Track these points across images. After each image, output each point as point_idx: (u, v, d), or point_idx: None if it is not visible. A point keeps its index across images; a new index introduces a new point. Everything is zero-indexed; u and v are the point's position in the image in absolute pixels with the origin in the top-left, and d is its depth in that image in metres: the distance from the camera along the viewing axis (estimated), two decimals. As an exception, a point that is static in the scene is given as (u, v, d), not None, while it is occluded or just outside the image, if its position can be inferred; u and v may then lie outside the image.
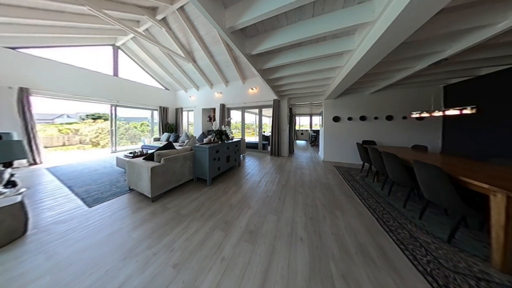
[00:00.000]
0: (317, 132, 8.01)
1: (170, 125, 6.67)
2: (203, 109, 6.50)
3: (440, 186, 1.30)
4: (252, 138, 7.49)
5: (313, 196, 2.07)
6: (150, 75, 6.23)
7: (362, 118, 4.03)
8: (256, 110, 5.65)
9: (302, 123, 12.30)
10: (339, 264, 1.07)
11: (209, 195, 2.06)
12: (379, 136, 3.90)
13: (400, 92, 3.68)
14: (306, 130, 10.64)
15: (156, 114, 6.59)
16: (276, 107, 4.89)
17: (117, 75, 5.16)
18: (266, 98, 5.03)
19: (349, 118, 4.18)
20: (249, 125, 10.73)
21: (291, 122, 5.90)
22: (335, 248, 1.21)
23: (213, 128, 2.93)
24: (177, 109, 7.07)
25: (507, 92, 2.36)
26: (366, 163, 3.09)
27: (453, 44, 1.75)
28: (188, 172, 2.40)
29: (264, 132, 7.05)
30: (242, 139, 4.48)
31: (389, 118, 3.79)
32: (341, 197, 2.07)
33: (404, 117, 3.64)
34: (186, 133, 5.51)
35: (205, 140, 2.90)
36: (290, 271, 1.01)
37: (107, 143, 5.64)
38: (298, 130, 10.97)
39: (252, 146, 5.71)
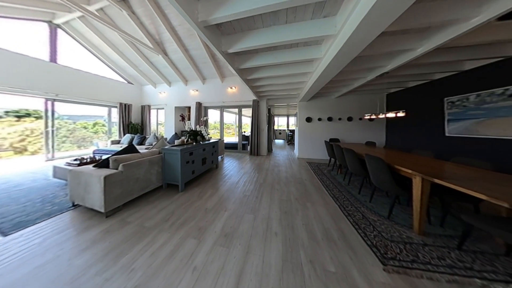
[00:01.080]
0: (293, 131, 8.62)
1: (134, 125, 5.75)
2: (176, 107, 5.91)
3: (382, 173, 1.61)
4: (233, 138, 7.36)
5: (288, 191, 2.21)
6: (107, 64, 5.14)
7: (329, 119, 4.62)
8: (236, 110, 5.58)
9: (280, 123, 12.98)
10: (308, 250, 1.18)
11: (181, 202, 1.89)
12: (342, 134, 4.55)
13: (357, 97, 4.40)
14: (284, 130, 11.33)
15: (115, 111, 5.54)
16: (255, 107, 4.96)
17: (55, 61, 4.01)
18: (246, 98, 5.03)
19: (319, 119, 4.70)
20: (230, 125, 10.52)
21: (270, 122, 6.13)
22: (305, 237, 1.32)
23: (186, 128, 2.71)
24: (143, 107, 6.18)
25: (423, 101, 3.17)
26: (332, 158, 3.51)
27: (391, 61, 2.22)
28: (156, 178, 2.13)
29: (244, 132, 7.04)
30: (221, 139, 4.33)
31: (350, 119, 4.47)
32: (312, 190, 2.29)
33: (360, 118, 4.37)
34: (154, 135, 4.88)
35: (176, 142, 2.64)
36: (264, 267, 1.04)
37: (39, 149, 4.29)
38: (276, 130, 11.54)
39: (232, 147, 5.60)
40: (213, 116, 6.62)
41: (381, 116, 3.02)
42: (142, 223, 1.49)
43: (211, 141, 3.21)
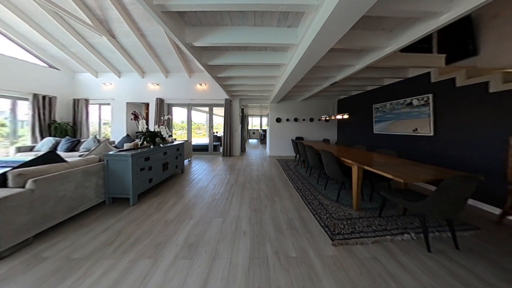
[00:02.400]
0: (265, 131, 9.01)
1: (60, 125, 4.27)
2: (128, 103, 4.85)
3: (332, 165, 1.95)
4: (204, 139, 6.82)
5: (258, 189, 2.28)
6: (9, 38, 3.49)
7: (295, 119, 5.14)
8: (207, 109, 5.19)
9: (254, 123, 13.28)
10: (274, 243, 1.25)
11: (132, 218, 1.57)
12: (305, 133, 5.18)
13: (317, 101, 5.11)
14: (257, 130, 11.66)
15: (25, 106, 3.91)
16: (228, 106, 4.80)
17: None
18: (218, 97, 4.77)
19: (287, 119, 5.15)
20: (201, 125, 9.72)
21: (243, 122, 6.12)
22: (271, 230, 1.40)
23: (140, 129, 2.24)
24: (76, 101, 4.72)
25: (361, 106, 4.05)
26: (297, 154, 3.91)
27: (340, 73, 2.69)
28: (95, 193, 1.68)
29: (216, 132, 6.69)
30: (188, 141, 3.92)
31: (311, 120, 5.15)
32: (280, 185, 2.46)
33: (319, 119, 5.11)
34: (95, 137, 3.78)
35: (126, 146, 2.16)
36: (231, 269, 1.02)
37: None
38: (250, 130, 11.73)
39: (202, 149, 5.20)
40: (179, 115, 5.89)
41: (333, 117, 3.65)
42: (69, 254, 1.12)
43: (175, 143, 2.84)
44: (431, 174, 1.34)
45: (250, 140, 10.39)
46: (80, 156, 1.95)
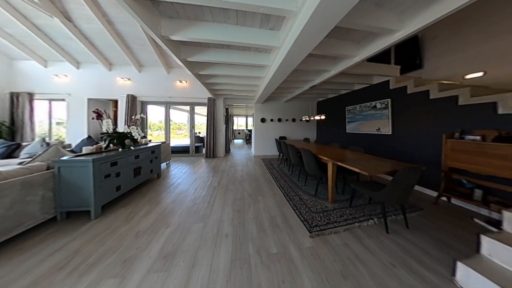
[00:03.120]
0: (251, 131, 9.04)
1: None
2: (90, 99, 4.17)
3: (311, 162, 2.08)
4: (185, 140, 6.36)
5: (242, 190, 2.27)
6: None
7: (279, 120, 5.32)
8: (188, 108, 4.86)
9: (240, 123, 13.15)
10: (256, 242, 1.26)
11: (94, 233, 1.35)
12: (288, 132, 5.41)
13: (299, 102, 5.39)
14: (243, 130, 11.59)
15: None
16: (211, 106, 4.60)
17: None
18: (200, 95, 4.52)
19: (271, 120, 5.28)
20: (182, 125, 9.04)
21: (228, 122, 5.97)
22: (254, 230, 1.40)
23: (105, 129, 1.93)
24: (15, 95, 3.79)
25: (336, 108, 4.45)
26: (280, 153, 4.05)
27: (318, 77, 2.89)
28: (41, 208, 1.38)
29: (199, 133, 6.34)
30: (166, 142, 3.59)
31: (293, 120, 5.41)
32: (263, 184, 2.50)
33: (301, 120, 5.40)
34: (43, 140, 3.07)
35: (85, 150, 1.85)
36: (211, 275, 0.98)
37: None
38: (235, 130, 11.57)
39: (183, 150, 4.85)
40: (157, 114, 5.36)
41: (313, 118, 3.91)
42: None
43: (149, 145, 2.56)
44: (389, 167, 1.57)
45: (236, 141, 10.24)
46: (20, 163, 1.52)
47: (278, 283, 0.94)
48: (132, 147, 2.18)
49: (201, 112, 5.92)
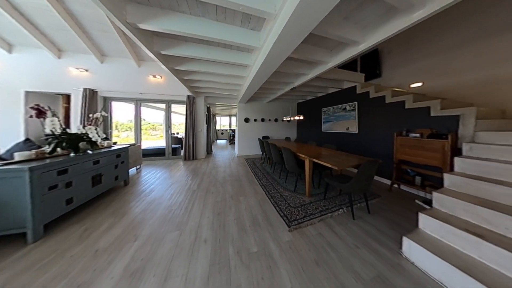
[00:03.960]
0: (235, 131, 8.89)
1: None
2: (29, 92, 3.34)
3: (290, 160, 2.19)
4: (161, 142, 5.75)
5: (224, 191, 2.20)
6: None
7: (262, 119, 5.41)
8: (164, 106, 4.40)
9: (223, 123, 12.77)
10: (236, 243, 1.25)
11: (33, 261, 1.08)
12: (271, 132, 5.56)
13: (281, 103, 5.58)
14: (226, 130, 11.29)
15: None
16: (190, 104, 4.29)
17: None
18: (177, 92, 4.16)
19: (255, 120, 5.32)
20: (157, 125, 8.14)
21: (210, 121, 5.70)
22: (235, 231, 1.38)
23: (48, 130, 1.55)
24: None
25: (313, 109, 4.81)
26: (263, 152, 4.13)
27: (297, 80, 3.05)
28: None
29: (177, 133, 5.85)
30: (136, 144, 3.18)
31: (276, 120, 5.58)
32: (246, 184, 2.49)
33: (282, 120, 5.62)
34: None
35: (18, 157, 1.46)
36: (187, 285, 0.92)
37: None
38: (218, 130, 11.17)
39: (158, 153, 4.39)
40: (125, 112, 4.66)
41: (293, 118, 4.11)
42: None
43: (114, 148, 2.21)
44: (355, 161, 1.78)
45: (219, 141, 9.89)
46: None
47: (258, 281, 0.95)
48: (89, 151, 1.84)
49: (180, 111, 5.47)
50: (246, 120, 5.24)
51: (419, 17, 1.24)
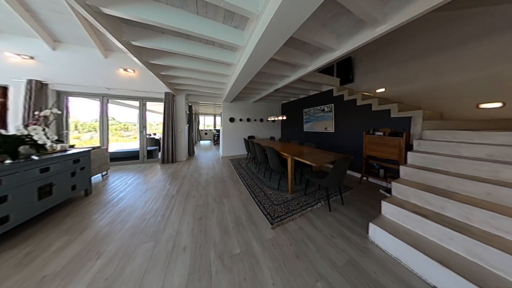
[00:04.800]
0: (219, 131, 8.62)
1: None
2: None
3: (274, 158, 2.24)
4: (134, 144, 5.09)
5: (206, 194, 2.11)
6: None
7: (248, 119, 5.39)
8: (138, 103, 3.93)
9: (208, 122, 12.23)
10: (219, 247, 1.21)
11: None
12: (257, 132, 5.59)
13: (266, 103, 5.66)
14: (210, 130, 10.85)
15: None
16: (169, 102, 3.94)
17: None
18: (154, 89, 3.78)
19: (240, 119, 5.26)
20: (130, 125, 7.17)
21: (191, 121, 5.36)
22: (217, 234, 1.34)
23: None
24: None
25: (296, 110, 5.05)
26: (249, 152, 4.13)
27: (281, 81, 3.13)
28: None
29: (154, 134, 5.33)
30: (101, 147, 2.76)
31: (261, 120, 5.64)
32: (230, 185, 2.44)
33: (267, 120, 5.72)
34: None
35: None
36: None
37: None
38: (202, 130, 10.64)
39: (130, 156, 3.91)
40: (88, 110, 3.97)
41: (277, 118, 4.22)
42: None
43: (70, 152, 1.86)
44: (331, 158, 1.94)
45: (202, 142, 9.39)
46: None
47: (240, 282, 0.94)
48: (34, 157, 1.50)
49: (157, 110, 4.97)
50: (231, 119, 5.14)
51: (381, 31, 1.42)
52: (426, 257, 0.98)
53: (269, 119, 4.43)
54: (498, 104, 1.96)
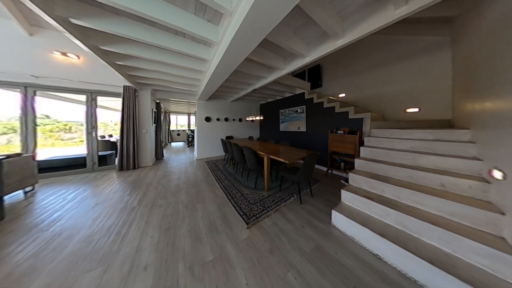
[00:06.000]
0: (194, 131, 8.00)
1: None
2: None
3: (251, 158, 2.25)
4: (79, 148, 4.02)
5: (176, 202, 1.91)
6: None
7: (226, 119, 5.22)
8: (84, 98, 3.14)
9: (181, 122, 11.13)
10: (189, 257, 1.11)
11: None
12: (235, 132, 5.50)
13: (245, 103, 5.63)
14: (184, 130, 9.91)
15: None
16: (130, 98, 3.33)
17: None
18: (107, 81, 3.13)
19: (218, 119, 5.03)
20: (73, 125, 5.61)
21: (159, 120, 4.72)
22: (187, 244, 1.23)
23: None
24: None
25: (273, 110, 5.25)
26: (226, 153, 4.03)
27: (258, 82, 3.16)
28: None
29: (110, 136, 4.46)
30: (23, 155, 2.06)
31: (240, 120, 5.57)
32: (205, 188, 2.30)
33: (246, 120, 5.72)
34: None
35: None
36: None
37: None
38: (174, 131, 9.55)
39: (74, 164, 3.10)
40: (4, 105, 2.88)
41: (255, 118, 4.27)
42: None
43: None
44: (303, 155, 2.11)
45: (174, 144, 8.43)
46: None
47: (212, 289, 0.89)
48: None
49: (115, 106, 4.11)
50: (208, 119, 4.85)
51: (341, 44, 1.63)
52: (371, 232, 1.19)
53: (247, 119, 4.44)
54: (416, 109, 2.60)
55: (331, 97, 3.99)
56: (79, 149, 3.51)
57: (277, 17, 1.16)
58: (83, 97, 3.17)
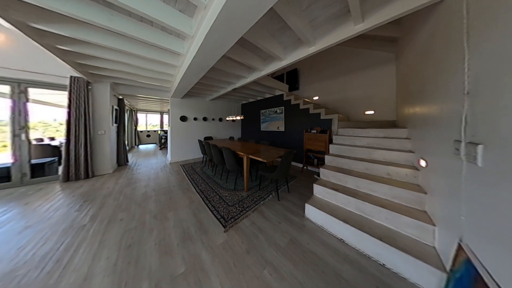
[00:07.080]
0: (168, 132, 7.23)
1: None
2: None
3: (230, 159, 2.20)
4: (5, 156, 2.99)
5: (142, 213, 1.68)
6: None
7: (205, 119, 4.91)
8: (8, 90, 2.35)
9: (153, 122, 9.83)
10: (156, 274, 0.99)
11: None
12: (215, 132, 5.27)
13: (225, 102, 5.45)
14: (156, 131, 8.77)
15: None
16: (79, 92, 2.69)
17: None
18: (47, 69, 2.47)
19: (195, 118, 4.68)
20: None
21: (122, 119, 4.02)
22: (155, 259, 1.10)
23: None
24: None
25: (254, 111, 5.29)
26: (204, 155, 3.82)
27: (239, 81, 3.10)
28: None
29: (52, 139, 3.56)
30: None
31: (220, 119, 5.36)
32: (179, 195, 2.10)
33: (227, 120, 5.56)
34: None
35: None
36: None
37: None
38: (142, 132, 8.34)
39: None
40: None
41: (236, 118, 4.19)
42: None
43: None
44: (281, 153, 2.20)
45: (143, 146, 7.34)
46: None
47: (181, 303, 0.81)
48: None
49: (58, 102, 3.21)
50: (183, 118, 4.44)
51: (313, 51, 1.76)
52: (337, 220, 1.34)
53: (227, 119, 4.32)
54: (372, 112, 3.10)
55: (307, 99, 4.31)
56: (1, 157, 2.61)
57: (253, 17, 1.15)
58: (6, 88, 2.39)
